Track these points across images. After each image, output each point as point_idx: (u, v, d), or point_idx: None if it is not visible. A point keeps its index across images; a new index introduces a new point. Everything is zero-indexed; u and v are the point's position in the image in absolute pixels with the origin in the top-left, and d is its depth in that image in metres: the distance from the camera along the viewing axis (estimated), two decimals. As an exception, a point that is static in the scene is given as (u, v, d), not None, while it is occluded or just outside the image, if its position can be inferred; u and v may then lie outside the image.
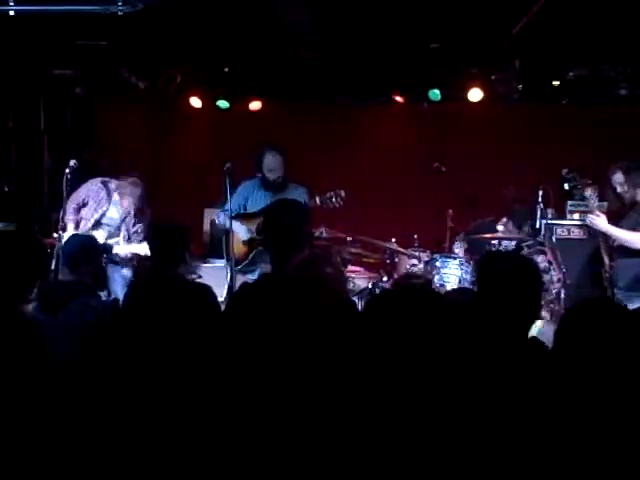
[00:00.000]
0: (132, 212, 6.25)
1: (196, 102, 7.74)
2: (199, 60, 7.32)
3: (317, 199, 5.97)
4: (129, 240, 6.21)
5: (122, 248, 6.15)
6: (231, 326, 3.21)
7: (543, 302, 5.50)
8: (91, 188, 6.31)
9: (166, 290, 3.03)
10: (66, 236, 5.61)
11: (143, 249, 6.02)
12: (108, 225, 6.28)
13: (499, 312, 2.55)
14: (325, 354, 2.85)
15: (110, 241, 6.17)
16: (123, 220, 6.28)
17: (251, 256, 5.90)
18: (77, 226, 6.21)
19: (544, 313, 5.46)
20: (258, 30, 6.43)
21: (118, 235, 6.24)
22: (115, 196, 6.30)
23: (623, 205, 5.74)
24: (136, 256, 6.10)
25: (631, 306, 5.04)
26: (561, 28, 6.19)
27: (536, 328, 3.83)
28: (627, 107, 7.31)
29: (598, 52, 6.85)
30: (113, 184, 6.31)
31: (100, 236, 6.19)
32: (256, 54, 7.16)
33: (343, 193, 5.95)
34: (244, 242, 6.00)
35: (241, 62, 7.41)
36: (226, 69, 7.55)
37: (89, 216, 6.26)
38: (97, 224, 6.26)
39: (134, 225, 6.31)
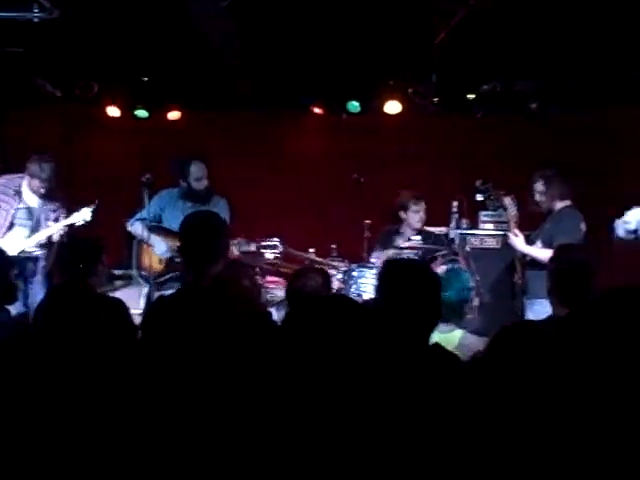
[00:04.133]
0: (44, 192, 5.98)
1: (114, 111, 7.63)
2: (117, 69, 7.22)
3: (253, 246, 5.98)
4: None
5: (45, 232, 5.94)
6: (148, 339, 3.20)
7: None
8: None
9: (76, 304, 3.00)
10: None
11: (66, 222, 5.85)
12: (26, 219, 6.04)
13: (399, 318, 2.62)
14: (242, 364, 2.87)
15: (33, 237, 5.96)
16: (42, 207, 6.05)
17: (167, 277, 5.84)
18: None
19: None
20: (177, 39, 6.41)
21: (39, 228, 6.00)
22: (24, 184, 6.04)
23: (541, 213, 5.94)
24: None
25: (536, 309, 5.27)
26: (476, 44, 6.36)
27: (457, 338, 3.92)
28: (538, 121, 7.55)
29: (510, 68, 7.06)
30: (19, 175, 6.07)
31: (20, 236, 5.97)
32: (175, 64, 7.12)
33: (281, 247, 5.98)
34: (161, 259, 5.93)
35: (160, 71, 7.35)
36: (145, 78, 7.48)
37: (2, 220, 6.02)
38: (12, 225, 6.02)
39: (54, 212, 6.07)
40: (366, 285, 6.03)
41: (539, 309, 5.16)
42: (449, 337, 3.78)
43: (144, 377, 2.90)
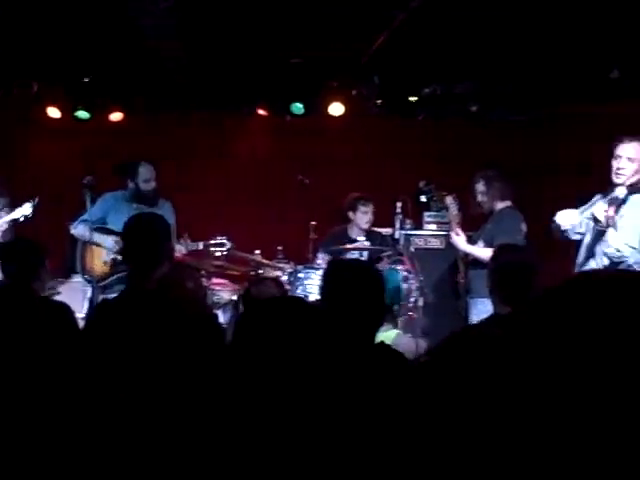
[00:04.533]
0: None
1: (54, 112, 7.51)
2: (57, 69, 7.11)
3: (200, 244, 5.94)
4: None
5: None
6: (91, 343, 3.17)
7: (401, 310, 5.72)
8: None
9: (19, 309, 2.95)
10: None
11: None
12: None
13: (344, 318, 2.65)
14: (188, 367, 2.86)
15: None
16: None
17: (112, 279, 5.77)
18: None
19: (401, 322, 5.68)
20: (119, 40, 6.34)
21: None
22: None
23: (482, 213, 6.04)
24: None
25: (479, 307, 5.38)
26: (418, 47, 6.44)
27: (391, 337, 3.98)
28: (478, 122, 7.68)
29: (451, 71, 7.17)
30: None
31: None
32: (117, 64, 7.05)
33: (229, 244, 5.96)
34: (106, 261, 5.86)
35: (101, 72, 7.26)
36: (86, 79, 7.37)
37: None
38: None
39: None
40: (312, 287, 6.05)
41: (482, 308, 5.24)
42: (384, 337, 3.83)
43: (87, 380, 2.87)
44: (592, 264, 4.80)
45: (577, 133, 6.78)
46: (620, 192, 4.66)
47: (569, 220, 4.97)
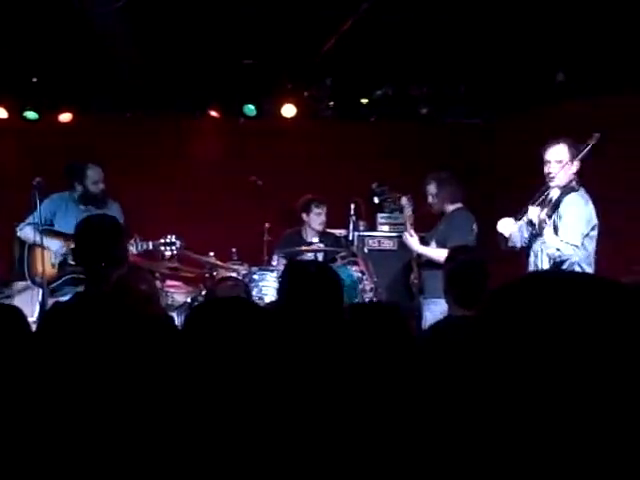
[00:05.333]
0: None
1: (1, 113, 7.37)
2: (5, 69, 6.97)
3: (150, 244, 5.88)
4: None
5: None
6: (44, 347, 3.11)
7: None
8: None
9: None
10: None
11: None
12: None
13: (303, 318, 2.66)
14: (145, 370, 2.83)
15: None
16: None
17: (61, 281, 5.69)
18: None
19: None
20: (68, 39, 6.25)
21: None
22: None
23: (434, 214, 6.10)
24: None
25: (433, 308, 5.43)
26: (369, 49, 6.48)
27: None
28: (431, 124, 7.75)
29: (403, 74, 7.23)
30: None
31: None
32: (67, 64, 6.94)
33: (179, 244, 5.91)
34: (54, 263, 5.77)
35: (51, 72, 7.14)
36: (34, 79, 7.25)
37: None
38: None
39: None
40: (268, 288, 6.04)
41: (435, 308, 5.30)
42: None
43: (41, 384, 2.82)
44: (537, 264, 4.90)
45: (529, 135, 6.87)
46: (554, 194, 4.76)
47: (508, 228, 5.07)
